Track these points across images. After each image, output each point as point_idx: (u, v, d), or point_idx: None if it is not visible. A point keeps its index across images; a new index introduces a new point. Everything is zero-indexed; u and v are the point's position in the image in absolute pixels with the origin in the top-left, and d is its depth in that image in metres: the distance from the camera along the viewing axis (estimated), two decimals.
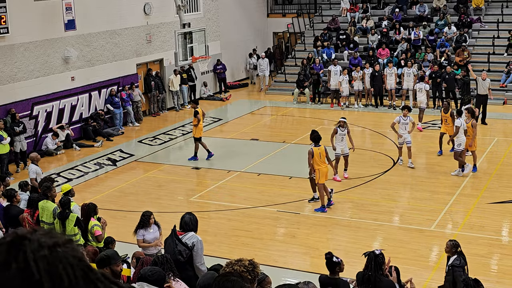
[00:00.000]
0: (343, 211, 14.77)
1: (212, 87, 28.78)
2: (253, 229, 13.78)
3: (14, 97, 19.66)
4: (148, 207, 13.95)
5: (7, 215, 11.89)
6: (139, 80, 24.76)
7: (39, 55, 20.46)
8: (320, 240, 13.30)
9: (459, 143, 16.41)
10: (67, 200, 11.25)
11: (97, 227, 11.06)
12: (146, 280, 6.39)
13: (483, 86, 21.64)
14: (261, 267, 5.60)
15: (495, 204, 14.82)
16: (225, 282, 3.45)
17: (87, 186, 17.24)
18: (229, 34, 29.93)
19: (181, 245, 7.88)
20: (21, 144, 18.84)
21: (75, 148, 20.85)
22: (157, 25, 25.34)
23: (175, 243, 7.92)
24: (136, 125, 23.88)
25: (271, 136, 22.02)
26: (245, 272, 4.88)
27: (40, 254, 1.18)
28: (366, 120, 23.46)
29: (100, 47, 22.79)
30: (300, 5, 32.48)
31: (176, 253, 7.79)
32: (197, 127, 18.76)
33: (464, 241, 12.86)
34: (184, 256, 7.83)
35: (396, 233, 13.44)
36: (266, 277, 6.27)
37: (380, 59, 27.09)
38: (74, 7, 21.53)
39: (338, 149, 16.77)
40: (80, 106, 22.13)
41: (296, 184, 16.69)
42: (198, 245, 7.89)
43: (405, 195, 15.78)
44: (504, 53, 26.42)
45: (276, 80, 29.86)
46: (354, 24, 29.77)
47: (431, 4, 29.60)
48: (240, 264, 4.97)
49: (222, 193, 16.39)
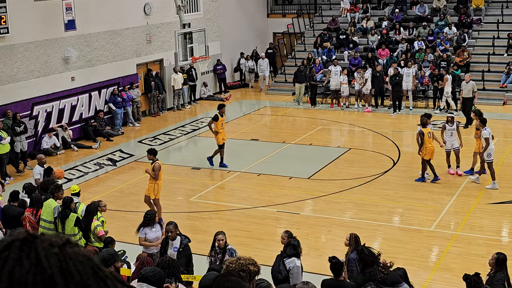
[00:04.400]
0: (343, 211, 14.78)
1: (212, 87, 28.78)
2: (253, 229, 13.79)
3: (14, 97, 19.66)
4: (148, 207, 13.95)
5: (7, 215, 11.91)
6: (139, 80, 24.76)
7: (39, 55, 20.46)
8: (320, 240, 13.31)
9: (489, 153, 15.77)
10: (68, 200, 11.27)
11: (100, 228, 11.12)
12: (147, 280, 6.40)
13: (466, 89, 21.58)
14: (262, 267, 5.59)
15: (495, 204, 14.83)
16: (225, 282, 3.46)
17: (87, 186, 17.24)
18: (229, 34, 29.93)
19: (282, 266, 9.13)
20: (22, 144, 18.85)
21: (74, 149, 20.83)
22: (157, 25, 25.35)
23: (279, 262, 9.22)
24: (136, 125, 23.89)
25: (271, 136, 22.03)
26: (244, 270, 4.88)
27: (51, 251, 1.22)
28: (366, 120, 23.47)
29: (100, 47, 22.79)
30: (300, 5, 32.48)
31: (277, 271, 9.12)
32: (218, 133, 17.84)
33: (463, 241, 12.89)
34: (282, 275, 9.02)
35: (396, 233, 13.45)
36: (270, 286, 6.25)
37: (380, 59, 27.10)
38: (74, 7, 21.54)
39: (448, 144, 16.76)
40: (80, 106, 22.13)
41: (296, 184, 16.70)
42: (294, 270, 9.04)
43: (405, 196, 15.77)
44: (504, 54, 26.42)
45: (276, 80, 29.88)
46: (354, 24, 29.77)
47: (431, 5, 29.60)
48: (239, 264, 4.97)
49: (222, 193, 16.40)
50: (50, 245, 1.23)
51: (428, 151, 16.17)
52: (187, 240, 10.36)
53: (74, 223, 11.08)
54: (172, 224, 10.37)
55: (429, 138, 16.18)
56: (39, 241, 1.24)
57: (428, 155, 16.22)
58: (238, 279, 3.48)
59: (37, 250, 1.21)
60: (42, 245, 1.22)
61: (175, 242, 10.22)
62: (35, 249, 1.21)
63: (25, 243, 1.22)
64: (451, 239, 13.00)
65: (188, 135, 22.53)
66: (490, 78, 25.62)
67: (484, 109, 22.81)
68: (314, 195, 15.83)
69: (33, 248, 1.21)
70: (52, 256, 1.21)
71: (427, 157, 16.22)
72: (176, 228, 10.28)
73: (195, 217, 14.96)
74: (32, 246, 1.22)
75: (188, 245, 10.27)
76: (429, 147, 16.14)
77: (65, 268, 1.21)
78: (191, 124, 23.94)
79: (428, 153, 16.20)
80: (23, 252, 1.21)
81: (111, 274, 1.30)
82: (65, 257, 1.22)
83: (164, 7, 25.27)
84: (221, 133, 17.85)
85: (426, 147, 16.13)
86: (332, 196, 15.69)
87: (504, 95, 24.93)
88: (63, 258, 1.22)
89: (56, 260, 1.21)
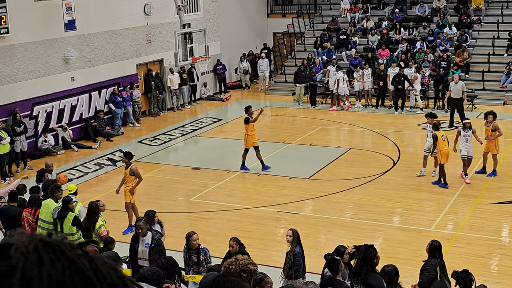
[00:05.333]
0: (343, 211, 14.78)
1: (212, 87, 28.77)
2: (253, 230, 13.79)
3: (14, 97, 19.66)
4: (148, 207, 13.93)
5: (7, 215, 11.91)
6: (139, 80, 24.76)
7: (39, 55, 20.46)
8: (320, 240, 13.31)
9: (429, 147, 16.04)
10: (67, 199, 11.29)
11: (103, 228, 11.19)
12: (145, 280, 6.40)
13: (456, 89, 21.54)
14: (261, 267, 5.60)
15: (495, 204, 14.83)
16: (225, 282, 3.46)
17: (87, 186, 17.25)
18: (229, 34, 29.93)
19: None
20: (22, 144, 18.86)
21: (74, 149, 20.83)
22: (157, 26, 25.35)
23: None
24: (136, 125, 23.89)
25: (271, 136, 22.02)
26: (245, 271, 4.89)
27: (77, 252, 1.22)
28: (366, 120, 23.47)
29: (100, 47, 22.79)
30: (300, 6, 32.47)
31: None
32: (249, 136, 17.48)
33: (464, 241, 12.89)
34: None
35: (396, 233, 13.45)
36: (266, 277, 6.28)
37: (380, 59, 27.11)
38: (74, 7, 21.54)
39: (463, 151, 16.07)
40: (80, 106, 22.13)
41: (296, 184, 16.70)
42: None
43: (405, 196, 15.77)
44: (504, 54, 26.42)
45: (276, 80, 29.88)
46: (354, 24, 29.77)
47: (431, 5, 29.60)
48: (238, 264, 4.98)
49: (222, 194, 16.40)
50: (71, 246, 1.22)
51: (443, 154, 15.62)
52: (158, 235, 10.17)
53: (72, 223, 11.09)
54: (141, 220, 10.23)
55: (443, 141, 15.68)
56: (59, 242, 1.22)
57: (444, 158, 15.66)
58: (238, 279, 3.48)
59: (65, 251, 1.19)
60: (66, 246, 1.21)
61: (146, 238, 10.00)
62: (61, 251, 1.19)
63: (50, 245, 1.20)
64: (451, 239, 13.00)
65: (188, 135, 22.53)
66: (490, 78, 25.62)
67: (484, 109, 22.89)
68: (314, 195, 15.83)
69: (59, 249, 1.19)
70: (82, 257, 1.20)
71: (443, 161, 15.68)
72: (146, 224, 10.11)
73: (195, 217, 14.96)
74: (57, 248, 1.20)
75: (160, 240, 10.09)
76: (444, 150, 15.60)
77: (96, 269, 1.20)
78: (191, 124, 23.94)
79: (444, 157, 15.63)
80: (50, 255, 1.19)
81: (128, 277, 1.30)
82: (92, 258, 1.22)
83: (164, 7, 25.27)
84: (251, 135, 17.41)
85: (441, 150, 15.64)
86: (332, 196, 15.69)
87: (504, 95, 24.93)
88: (90, 259, 1.21)
89: (87, 261, 1.20)
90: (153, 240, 9.96)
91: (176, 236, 12.46)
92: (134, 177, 13.77)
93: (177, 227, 13.48)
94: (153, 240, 9.96)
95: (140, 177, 13.88)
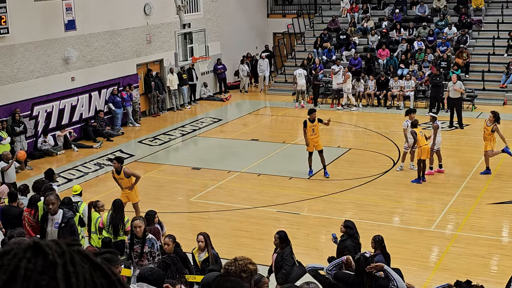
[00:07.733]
0: (343, 211, 14.77)
1: (212, 87, 28.77)
2: (253, 230, 13.79)
3: (14, 97, 19.67)
4: (148, 207, 13.93)
5: (7, 216, 11.91)
6: (139, 81, 24.75)
7: (39, 56, 20.46)
8: (320, 240, 13.31)
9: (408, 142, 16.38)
10: (67, 201, 11.31)
11: (99, 219, 11.48)
12: (145, 280, 6.40)
13: (453, 89, 21.51)
14: (261, 267, 5.60)
15: (495, 204, 14.82)
16: (225, 282, 3.47)
17: (87, 186, 17.24)
18: (229, 34, 29.93)
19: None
20: (22, 144, 18.85)
21: (74, 149, 20.84)
22: (157, 26, 25.35)
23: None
24: (136, 125, 23.89)
25: (271, 136, 22.02)
26: (245, 271, 4.89)
27: (98, 258, 1.29)
28: (366, 120, 23.47)
29: (100, 48, 22.79)
30: (300, 6, 32.48)
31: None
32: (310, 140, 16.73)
33: (464, 241, 12.88)
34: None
35: (396, 233, 13.44)
36: (263, 278, 6.28)
37: (380, 59, 27.10)
38: (74, 7, 21.54)
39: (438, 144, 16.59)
40: (80, 106, 22.13)
41: (296, 184, 16.70)
42: None
43: (405, 196, 15.77)
44: (504, 54, 26.42)
45: (276, 80, 29.87)
46: (354, 24, 29.77)
47: (431, 5, 29.60)
48: (237, 265, 4.98)
49: (222, 194, 16.39)
50: (90, 252, 1.27)
51: (424, 150, 16.00)
52: (70, 213, 9.19)
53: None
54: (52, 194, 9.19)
55: (422, 137, 16.04)
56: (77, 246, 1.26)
57: (425, 154, 16.05)
58: (238, 279, 3.49)
59: (88, 255, 1.24)
60: (84, 250, 1.26)
61: (57, 216, 9.01)
62: (85, 255, 1.24)
63: (71, 247, 1.25)
64: (451, 239, 13.00)
65: (188, 135, 22.53)
66: (490, 78, 25.62)
67: (484, 109, 22.92)
68: (314, 195, 15.83)
69: (79, 254, 1.24)
70: (104, 261, 1.25)
71: (424, 156, 16.08)
72: (58, 200, 9.08)
73: (195, 217, 14.96)
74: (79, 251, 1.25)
75: (73, 219, 9.10)
76: (424, 146, 16.00)
77: (118, 277, 1.26)
78: (191, 124, 23.94)
79: (424, 152, 16.02)
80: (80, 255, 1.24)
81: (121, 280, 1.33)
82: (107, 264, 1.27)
83: (164, 7, 25.27)
84: (311, 139, 16.65)
85: (420, 146, 16.00)
86: (332, 196, 15.69)
87: (504, 95, 24.93)
88: (109, 267, 1.27)
89: (108, 266, 1.26)
90: (64, 219, 8.93)
91: (176, 236, 12.42)
92: (130, 179, 13.65)
93: (177, 228, 13.47)
94: (64, 218, 8.93)
95: (136, 174, 13.83)
